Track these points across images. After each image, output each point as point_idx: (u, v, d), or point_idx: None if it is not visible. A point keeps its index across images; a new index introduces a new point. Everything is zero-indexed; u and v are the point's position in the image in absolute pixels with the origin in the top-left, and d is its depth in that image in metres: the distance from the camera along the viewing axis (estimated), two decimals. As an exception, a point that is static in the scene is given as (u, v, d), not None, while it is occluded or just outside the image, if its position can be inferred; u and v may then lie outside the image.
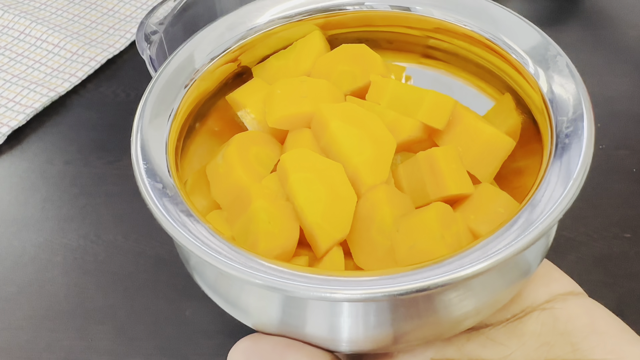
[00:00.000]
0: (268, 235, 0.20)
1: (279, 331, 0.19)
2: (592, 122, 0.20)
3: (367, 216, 0.21)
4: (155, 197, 0.19)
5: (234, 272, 0.17)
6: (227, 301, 0.20)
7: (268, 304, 0.19)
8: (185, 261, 0.22)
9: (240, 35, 0.25)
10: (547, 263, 0.22)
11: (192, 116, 0.24)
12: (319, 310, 0.18)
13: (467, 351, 0.21)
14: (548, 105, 0.21)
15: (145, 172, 0.20)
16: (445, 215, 0.20)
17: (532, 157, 0.22)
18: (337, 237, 0.21)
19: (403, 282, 0.16)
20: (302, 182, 0.21)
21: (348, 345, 0.19)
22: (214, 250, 0.17)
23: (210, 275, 0.21)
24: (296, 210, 0.21)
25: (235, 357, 0.20)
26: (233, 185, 0.22)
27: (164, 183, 0.19)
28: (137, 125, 0.21)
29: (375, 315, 0.18)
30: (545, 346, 0.20)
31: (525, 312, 0.21)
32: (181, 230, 0.18)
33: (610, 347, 0.19)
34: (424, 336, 0.19)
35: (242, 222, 0.21)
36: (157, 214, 0.18)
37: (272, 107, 0.23)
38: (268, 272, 0.17)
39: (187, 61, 0.24)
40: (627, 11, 0.56)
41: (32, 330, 0.36)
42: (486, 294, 0.19)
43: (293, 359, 0.19)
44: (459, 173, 0.22)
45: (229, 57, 0.25)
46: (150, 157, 0.20)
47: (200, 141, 0.25)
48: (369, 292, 0.16)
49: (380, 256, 0.21)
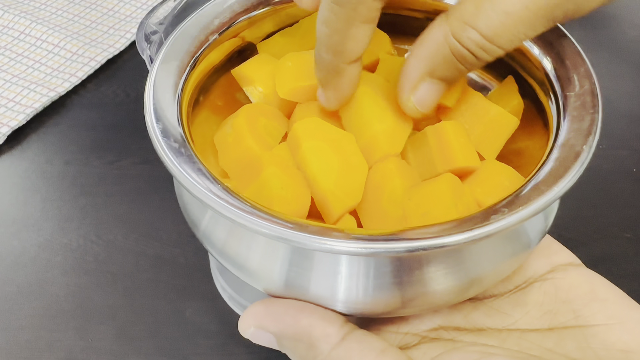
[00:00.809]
0: (281, 200, 0.20)
1: (288, 293, 0.19)
2: (599, 95, 0.20)
3: (377, 186, 0.21)
4: (171, 155, 0.19)
5: (255, 226, 0.17)
6: (236, 264, 0.20)
7: (278, 263, 0.19)
8: (194, 227, 0.22)
9: (249, 8, 0.25)
10: (547, 237, 0.23)
11: (198, 88, 0.24)
12: (328, 270, 0.18)
13: (472, 320, 0.21)
14: (553, 81, 0.22)
15: (161, 131, 0.20)
16: (456, 186, 0.21)
17: (532, 138, 0.22)
18: (349, 204, 0.21)
19: (405, 240, 0.16)
20: (315, 150, 0.21)
21: (356, 307, 0.19)
22: (230, 205, 0.17)
23: (220, 238, 0.20)
24: (308, 178, 0.21)
25: (247, 322, 0.19)
26: (243, 153, 0.22)
27: (179, 142, 0.20)
28: (150, 87, 0.21)
29: (382, 278, 0.18)
30: (548, 314, 0.20)
31: (527, 283, 0.21)
32: (198, 185, 0.18)
33: (610, 313, 0.20)
34: (429, 301, 0.19)
35: (253, 189, 0.21)
36: (174, 170, 0.19)
37: (283, 78, 0.23)
38: (283, 224, 0.17)
39: (195, 30, 0.24)
40: (627, 11, 0.56)
41: (32, 330, 0.36)
42: (490, 264, 0.19)
43: (307, 321, 0.19)
44: (467, 146, 0.22)
45: (233, 31, 0.25)
46: (164, 117, 0.20)
47: (205, 115, 0.25)
48: (372, 247, 0.16)
49: (391, 225, 0.21)
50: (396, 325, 0.21)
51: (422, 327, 0.21)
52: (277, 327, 0.19)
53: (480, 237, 0.17)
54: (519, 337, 0.20)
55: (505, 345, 0.20)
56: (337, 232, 0.17)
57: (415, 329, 0.21)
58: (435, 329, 0.21)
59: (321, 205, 0.21)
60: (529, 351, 0.19)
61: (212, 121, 0.25)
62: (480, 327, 0.21)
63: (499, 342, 0.20)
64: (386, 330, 0.21)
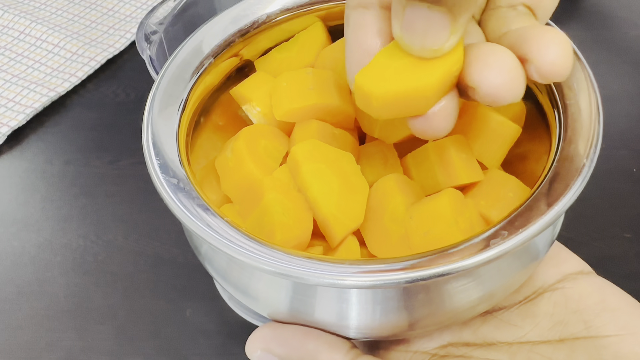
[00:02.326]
0: (283, 226, 0.20)
1: (293, 319, 0.19)
2: (599, 102, 0.20)
3: (379, 205, 0.21)
4: (171, 192, 0.19)
5: (263, 265, 0.17)
6: (239, 290, 0.20)
7: (282, 292, 0.19)
8: (197, 252, 0.22)
9: (243, 29, 0.25)
10: (555, 244, 0.22)
11: (198, 110, 0.24)
12: (333, 297, 0.18)
13: (482, 334, 0.21)
14: (553, 88, 0.21)
15: (159, 167, 0.20)
16: (457, 201, 0.20)
17: (536, 142, 0.22)
18: (351, 227, 0.21)
19: (411, 269, 0.16)
20: (315, 173, 0.21)
21: (364, 332, 0.19)
22: (233, 243, 0.17)
23: (221, 263, 0.21)
24: (309, 201, 0.21)
25: (255, 345, 0.19)
26: (244, 178, 0.22)
27: (178, 178, 0.20)
28: (147, 120, 0.21)
29: (390, 302, 0.18)
30: (559, 325, 0.20)
31: (537, 294, 0.21)
32: (199, 224, 0.18)
33: (622, 323, 0.19)
34: (439, 321, 0.19)
35: (255, 215, 0.21)
36: (175, 209, 0.18)
37: (278, 100, 0.23)
38: (285, 260, 0.17)
39: (192, 55, 0.24)
40: (627, 11, 0.56)
41: (32, 330, 0.36)
42: (498, 279, 0.19)
43: (313, 346, 0.19)
44: (469, 162, 0.22)
45: (232, 51, 0.25)
46: (163, 152, 0.20)
47: (206, 136, 0.25)
48: (378, 280, 0.16)
49: (394, 244, 0.21)
50: (404, 344, 0.21)
51: (431, 345, 0.21)
52: (283, 350, 0.19)
53: (482, 263, 0.16)
54: (529, 350, 0.20)
55: (516, 359, 0.20)
56: (342, 265, 0.17)
57: (424, 347, 0.21)
58: (445, 346, 0.21)
59: (324, 228, 0.21)
60: None
61: (216, 139, 0.25)
62: (490, 342, 0.21)
63: (509, 356, 0.20)
64: (395, 350, 0.21)
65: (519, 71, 0.17)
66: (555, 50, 0.16)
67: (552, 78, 0.17)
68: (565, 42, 0.17)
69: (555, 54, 0.16)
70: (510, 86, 0.16)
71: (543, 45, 0.16)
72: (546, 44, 0.16)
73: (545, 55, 0.16)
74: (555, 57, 0.16)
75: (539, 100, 0.23)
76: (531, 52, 0.16)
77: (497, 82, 0.16)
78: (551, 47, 0.16)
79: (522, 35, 0.17)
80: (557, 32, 0.17)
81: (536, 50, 0.16)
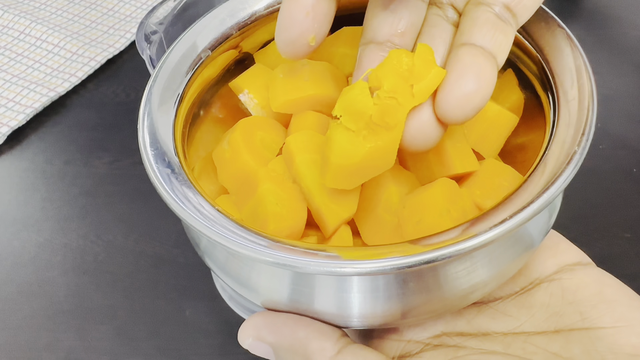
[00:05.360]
0: (276, 216, 0.20)
1: (288, 308, 0.20)
2: (594, 92, 0.20)
3: (373, 195, 0.21)
4: (164, 181, 0.19)
5: (245, 250, 0.17)
6: (238, 281, 0.20)
7: (278, 282, 0.19)
8: (195, 245, 0.22)
9: (241, 22, 0.25)
10: (554, 234, 0.22)
11: (196, 103, 0.24)
12: (327, 286, 0.19)
13: (477, 324, 0.21)
14: (549, 78, 0.21)
15: (153, 157, 0.20)
16: (451, 191, 0.20)
17: (535, 132, 0.22)
18: (344, 217, 0.21)
19: (410, 254, 0.16)
20: (308, 163, 0.21)
21: (357, 320, 0.19)
22: (225, 231, 0.17)
23: (220, 256, 0.21)
24: (303, 192, 0.21)
25: (246, 332, 0.20)
26: (240, 169, 0.22)
27: (172, 168, 0.20)
28: (144, 112, 0.21)
29: (383, 290, 0.18)
30: (555, 316, 0.20)
31: (533, 284, 0.21)
32: (192, 213, 0.18)
33: (618, 315, 0.19)
34: (432, 309, 0.19)
35: (250, 206, 0.21)
36: (167, 199, 0.19)
37: (275, 91, 0.23)
38: (277, 249, 0.17)
39: (190, 48, 0.24)
40: (628, 11, 0.56)
41: (32, 330, 0.36)
42: (491, 267, 0.19)
43: (303, 334, 0.19)
44: (464, 151, 0.22)
45: (230, 43, 0.25)
46: (158, 142, 0.20)
47: (206, 128, 0.25)
48: (376, 266, 0.16)
49: (388, 233, 0.21)
50: (398, 333, 0.21)
51: (425, 335, 0.21)
52: (274, 338, 0.19)
53: (468, 249, 0.16)
54: (524, 341, 0.20)
55: (510, 350, 0.19)
56: (337, 255, 0.17)
57: (418, 336, 0.21)
58: (438, 336, 0.21)
59: (317, 218, 0.21)
60: (534, 356, 0.19)
61: (216, 132, 0.25)
62: (484, 332, 0.21)
63: (503, 346, 0.20)
64: (389, 339, 0.21)
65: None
66: (458, 92, 0.17)
67: (447, 120, 0.18)
68: (474, 82, 0.18)
69: (456, 97, 0.17)
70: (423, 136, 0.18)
71: (452, 80, 0.18)
72: (455, 80, 0.18)
73: (450, 93, 0.18)
74: (456, 100, 0.18)
75: (537, 90, 0.23)
76: (441, 86, 0.18)
77: None
78: (456, 88, 0.18)
79: (455, 61, 0.18)
80: (475, 69, 0.18)
81: (443, 86, 0.18)
